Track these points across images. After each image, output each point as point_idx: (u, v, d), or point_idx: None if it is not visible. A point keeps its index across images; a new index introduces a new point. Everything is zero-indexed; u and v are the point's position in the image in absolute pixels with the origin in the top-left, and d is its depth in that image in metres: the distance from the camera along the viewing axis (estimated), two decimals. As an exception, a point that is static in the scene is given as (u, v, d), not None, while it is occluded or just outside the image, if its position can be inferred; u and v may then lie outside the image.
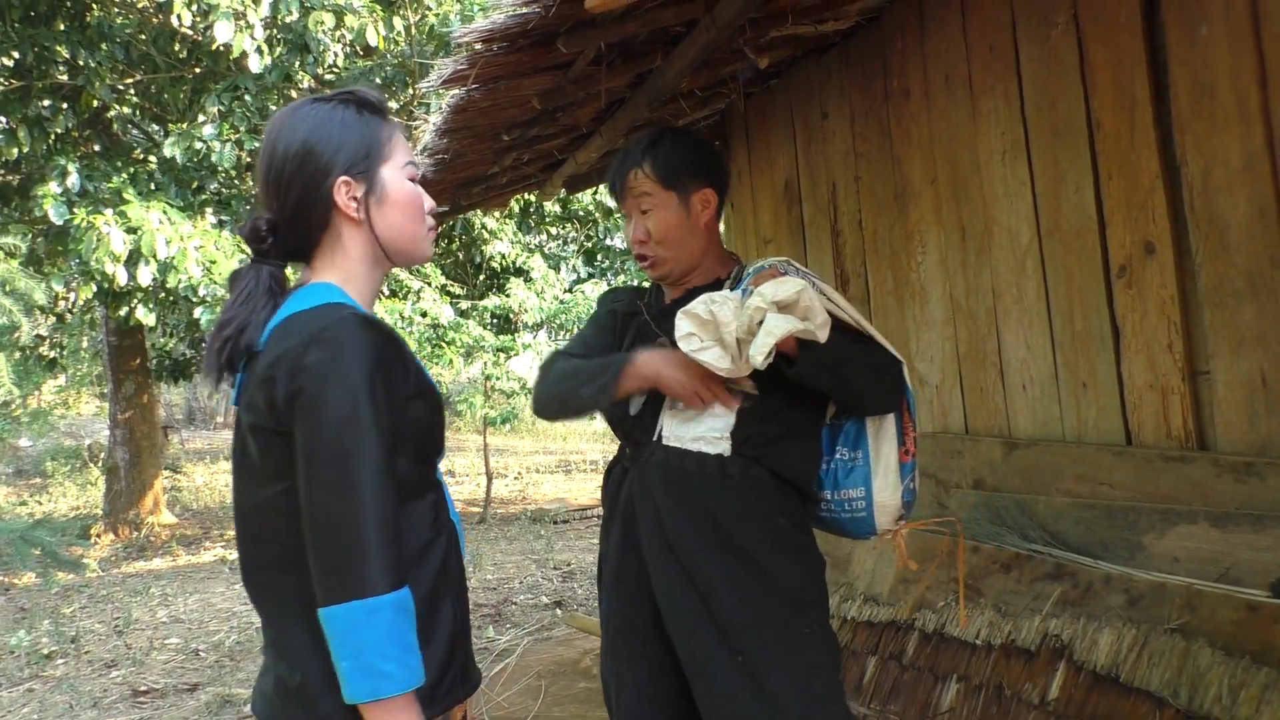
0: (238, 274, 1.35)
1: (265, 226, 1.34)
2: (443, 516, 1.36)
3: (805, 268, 1.89)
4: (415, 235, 1.40)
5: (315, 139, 1.32)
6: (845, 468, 1.79)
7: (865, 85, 3.18)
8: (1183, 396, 2.19)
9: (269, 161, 1.34)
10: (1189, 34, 2.11)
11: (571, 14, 2.19)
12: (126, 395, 9.79)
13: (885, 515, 1.77)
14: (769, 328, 1.52)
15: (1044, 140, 2.49)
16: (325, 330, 1.20)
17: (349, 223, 1.34)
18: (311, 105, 1.36)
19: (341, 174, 1.32)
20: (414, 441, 1.30)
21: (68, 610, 6.42)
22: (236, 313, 1.30)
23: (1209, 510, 2.05)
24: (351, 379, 1.18)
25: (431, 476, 1.37)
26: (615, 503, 1.87)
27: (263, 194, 1.35)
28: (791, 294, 1.53)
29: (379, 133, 1.37)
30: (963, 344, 2.84)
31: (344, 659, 1.14)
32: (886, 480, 1.75)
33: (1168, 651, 1.94)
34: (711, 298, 1.61)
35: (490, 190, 4.25)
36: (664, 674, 1.76)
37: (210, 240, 6.83)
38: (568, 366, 1.84)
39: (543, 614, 5.47)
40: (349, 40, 7.14)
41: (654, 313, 1.92)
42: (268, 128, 1.38)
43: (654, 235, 1.84)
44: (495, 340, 8.76)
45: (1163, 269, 2.21)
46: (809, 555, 1.77)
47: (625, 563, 1.81)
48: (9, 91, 7.23)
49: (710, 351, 1.59)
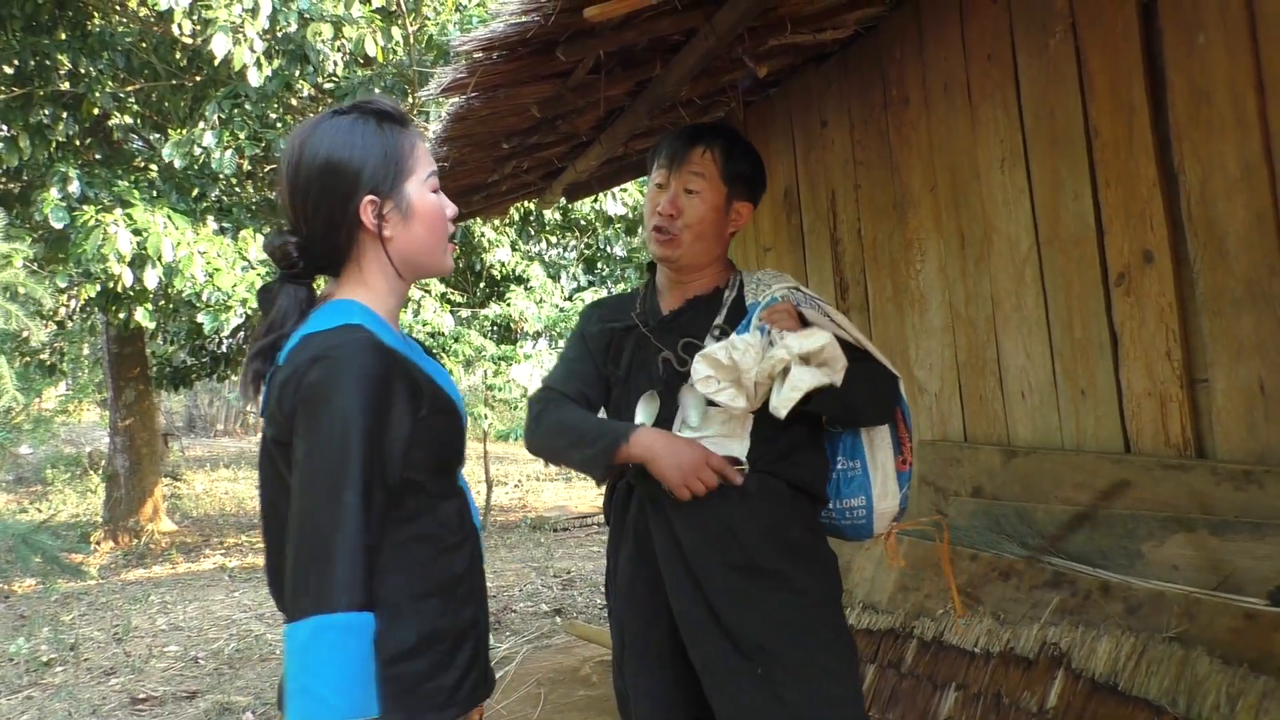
0: (268, 294, 1.35)
1: (295, 250, 1.34)
2: (467, 523, 1.39)
3: (807, 288, 1.92)
4: (437, 249, 1.41)
5: (338, 158, 1.31)
6: (846, 477, 1.81)
7: (864, 94, 3.19)
8: (1181, 404, 2.18)
9: (293, 182, 1.33)
10: (1186, 41, 2.12)
11: (571, 23, 2.20)
12: (127, 402, 9.79)
13: (883, 521, 1.81)
14: (794, 382, 1.55)
15: (1042, 148, 2.50)
16: (331, 350, 1.22)
17: (374, 240, 1.34)
18: (331, 121, 1.35)
19: (367, 193, 1.32)
20: (435, 452, 1.31)
21: (67, 617, 6.41)
22: (270, 339, 1.31)
23: (1208, 518, 2.05)
24: (347, 401, 1.19)
25: (454, 484, 1.39)
26: (624, 517, 1.86)
27: (288, 213, 1.35)
28: (817, 347, 1.56)
29: (401, 146, 1.36)
30: (962, 352, 2.84)
31: (290, 678, 1.12)
32: (886, 488, 1.79)
33: (1166, 659, 1.94)
34: (733, 343, 1.62)
35: (491, 198, 4.26)
36: (679, 684, 1.75)
37: (214, 247, 6.84)
38: (561, 419, 1.80)
39: (542, 622, 5.47)
40: (348, 50, 7.16)
41: (652, 325, 1.90)
42: (288, 145, 1.37)
43: (686, 216, 1.84)
44: (496, 349, 8.76)
45: (1161, 277, 2.21)
46: (822, 556, 1.78)
47: (638, 576, 1.81)
48: (11, 99, 7.25)
49: (727, 392, 1.62)
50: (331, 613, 1.11)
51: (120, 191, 6.88)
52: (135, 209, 6.58)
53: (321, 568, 1.13)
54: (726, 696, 1.65)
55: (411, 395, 1.27)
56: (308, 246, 1.34)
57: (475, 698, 1.32)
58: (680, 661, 1.75)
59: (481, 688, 1.34)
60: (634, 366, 1.87)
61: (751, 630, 1.65)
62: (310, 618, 1.11)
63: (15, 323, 5.23)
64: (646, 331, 1.88)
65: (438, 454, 1.32)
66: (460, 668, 1.29)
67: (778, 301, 1.75)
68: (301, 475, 1.18)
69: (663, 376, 1.82)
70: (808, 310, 1.75)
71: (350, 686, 1.11)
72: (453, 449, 1.36)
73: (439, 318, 8.53)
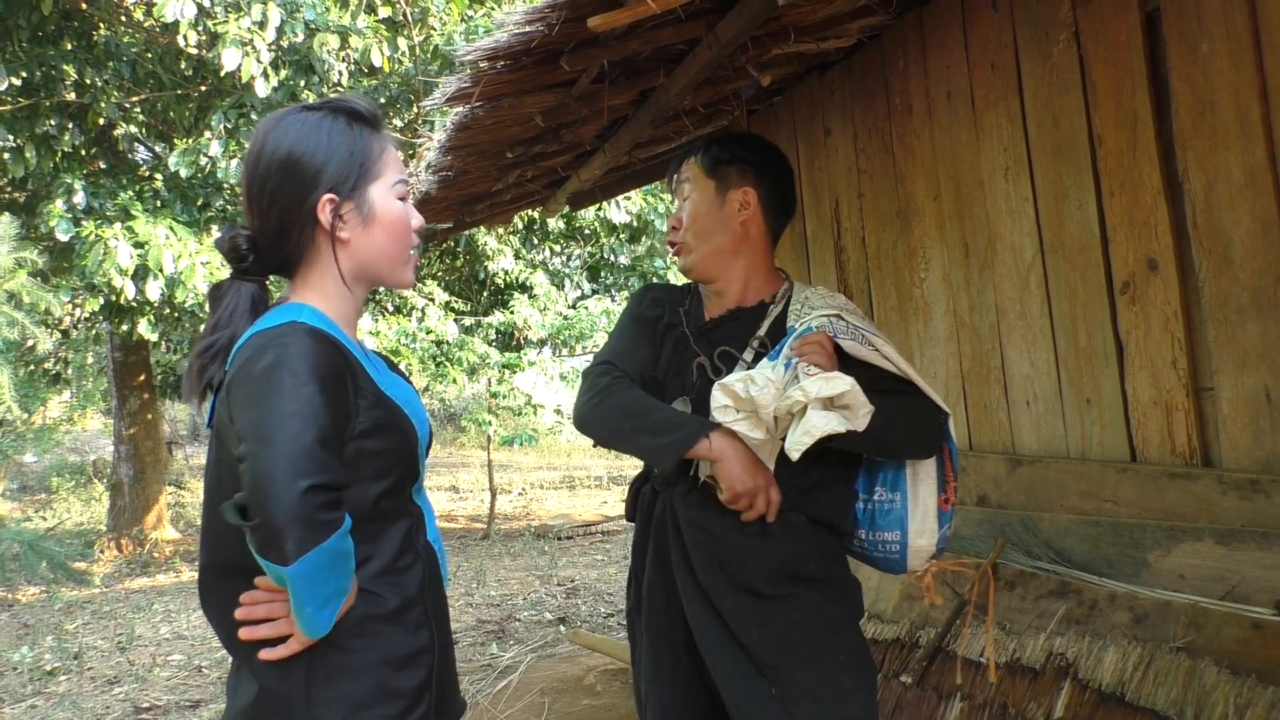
0: (218, 292, 1.30)
1: (245, 244, 1.29)
2: (418, 543, 1.31)
3: (860, 317, 1.81)
4: (397, 259, 1.34)
5: (300, 151, 1.26)
6: (883, 509, 1.74)
7: (868, 102, 3.19)
8: (1187, 413, 2.18)
9: (252, 173, 1.29)
10: (1190, 50, 2.12)
11: (575, 33, 2.20)
12: (131, 411, 9.81)
13: (918, 558, 1.73)
14: (808, 426, 1.50)
15: (1046, 157, 2.50)
16: (278, 338, 1.17)
17: (330, 242, 1.29)
18: (299, 114, 1.31)
19: (327, 191, 1.27)
20: (378, 472, 1.25)
21: (71, 626, 6.40)
22: (217, 336, 1.26)
23: (1214, 527, 2.04)
24: (297, 380, 1.13)
25: (405, 504, 1.32)
26: (649, 520, 1.81)
27: (245, 206, 1.31)
28: (836, 393, 1.51)
29: (369, 147, 1.31)
30: (966, 360, 2.83)
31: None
32: (924, 526, 1.71)
33: (1173, 670, 1.93)
34: (751, 378, 1.58)
35: (495, 207, 4.26)
36: (693, 696, 1.73)
37: (217, 257, 6.86)
38: (631, 400, 1.72)
39: (546, 630, 5.45)
40: (354, 60, 7.19)
41: (693, 329, 1.86)
42: (253, 135, 1.31)
43: (685, 222, 1.84)
44: (500, 357, 8.76)
45: (1166, 285, 2.20)
46: (841, 581, 1.73)
47: (656, 583, 1.78)
48: (17, 110, 7.28)
49: (744, 423, 1.58)
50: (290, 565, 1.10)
51: (123, 203, 6.90)
52: (137, 221, 6.61)
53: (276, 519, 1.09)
54: (743, 714, 1.62)
55: (354, 390, 1.22)
56: (259, 242, 1.29)
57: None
58: (695, 675, 1.72)
59: (439, 718, 1.28)
60: (670, 366, 1.83)
61: (765, 651, 1.62)
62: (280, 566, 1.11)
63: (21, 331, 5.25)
64: (688, 333, 1.85)
65: (381, 469, 1.25)
66: (411, 693, 1.22)
67: (813, 332, 1.69)
68: (249, 444, 1.11)
69: (695, 382, 1.78)
70: (846, 342, 1.67)
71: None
72: (400, 465, 1.28)
73: (443, 325, 8.54)
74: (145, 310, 7.35)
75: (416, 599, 1.27)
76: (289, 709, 1.19)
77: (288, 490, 1.07)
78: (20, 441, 5.93)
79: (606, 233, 9.76)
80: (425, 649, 1.26)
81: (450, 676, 1.33)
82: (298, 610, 1.14)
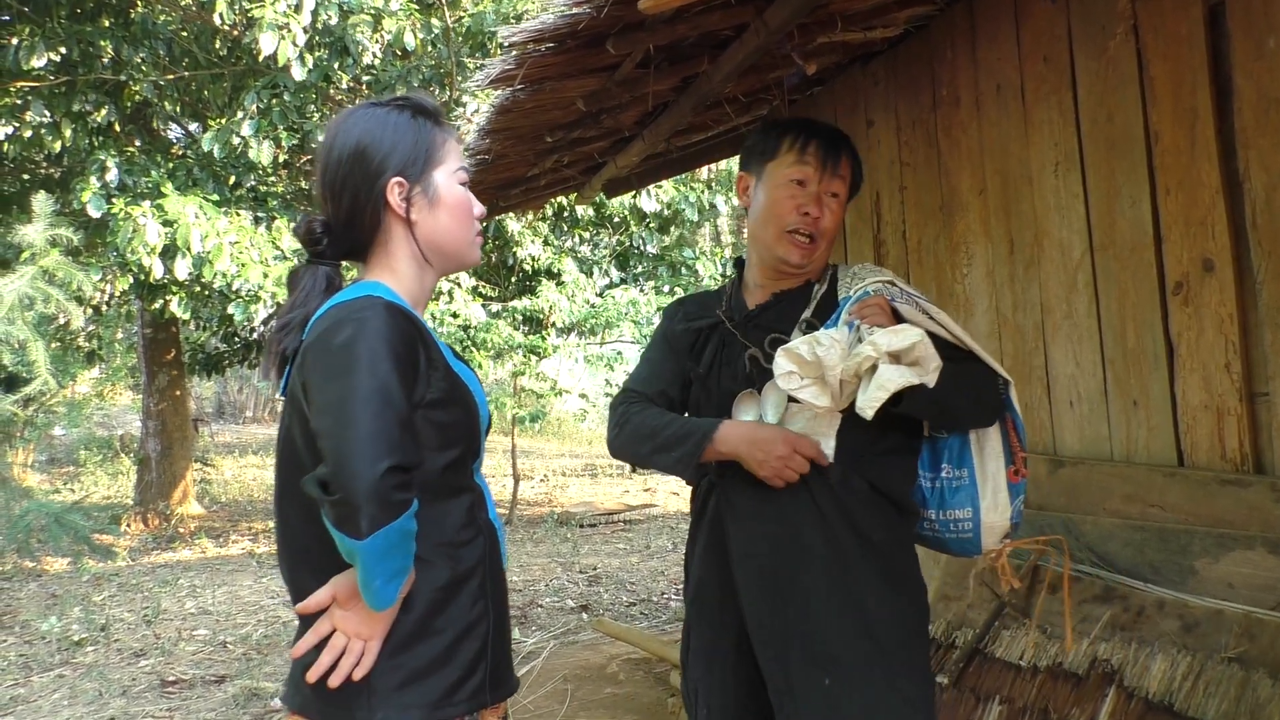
0: (295, 276, 1.39)
1: (320, 228, 1.38)
2: (480, 519, 1.37)
3: (909, 285, 1.81)
4: (463, 239, 1.43)
5: (369, 141, 1.36)
6: (951, 486, 1.71)
7: (912, 94, 3.14)
8: (1240, 418, 2.13)
9: (325, 164, 1.38)
10: (1255, 46, 2.06)
11: (622, 15, 2.17)
12: (160, 388, 9.90)
13: (992, 536, 1.69)
14: (881, 381, 1.46)
15: (1099, 153, 2.44)
16: (356, 313, 1.24)
17: (400, 224, 1.37)
18: (367, 109, 1.40)
19: (394, 175, 1.35)
20: (444, 443, 1.31)
21: (98, 598, 6.48)
22: (294, 315, 1.34)
23: (1267, 536, 1.99)
24: (374, 353, 1.20)
25: (467, 479, 1.38)
26: (703, 509, 1.79)
27: (319, 196, 1.40)
28: (907, 344, 1.47)
29: (433, 137, 1.40)
30: (1008, 358, 2.78)
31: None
32: (995, 500, 1.67)
33: (1225, 681, 1.88)
34: (817, 339, 1.54)
35: (529, 192, 4.25)
36: (744, 698, 1.69)
37: (245, 236, 6.88)
38: (643, 423, 1.74)
39: (569, 618, 5.46)
40: (387, 42, 7.19)
41: (737, 321, 1.83)
42: (325, 132, 1.42)
43: (824, 222, 1.79)
44: (525, 340, 8.75)
45: (1222, 287, 2.15)
46: (910, 580, 1.70)
47: (708, 579, 1.75)
48: (54, 86, 7.33)
49: (809, 390, 1.54)
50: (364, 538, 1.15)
51: (154, 180, 6.94)
52: (167, 199, 6.63)
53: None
54: (793, 705, 1.59)
55: (427, 361, 1.29)
56: (333, 226, 1.37)
57: (480, 699, 1.29)
58: (746, 674, 1.68)
59: (487, 691, 1.30)
60: (717, 364, 1.81)
61: (826, 642, 1.59)
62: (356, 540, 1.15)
63: (55, 306, 5.30)
64: (731, 328, 1.82)
65: (447, 444, 1.31)
66: (464, 665, 1.27)
67: (870, 296, 1.67)
68: (331, 422, 1.18)
69: (749, 375, 1.75)
70: (903, 306, 1.66)
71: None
72: (466, 441, 1.36)
73: (469, 309, 8.54)
74: (175, 289, 7.40)
75: (474, 571, 1.32)
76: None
77: (368, 470, 1.13)
78: (50, 415, 5.99)
79: (636, 221, 9.71)
80: (480, 620, 1.31)
81: (505, 653, 1.38)
82: (365, 584, 1.20)
